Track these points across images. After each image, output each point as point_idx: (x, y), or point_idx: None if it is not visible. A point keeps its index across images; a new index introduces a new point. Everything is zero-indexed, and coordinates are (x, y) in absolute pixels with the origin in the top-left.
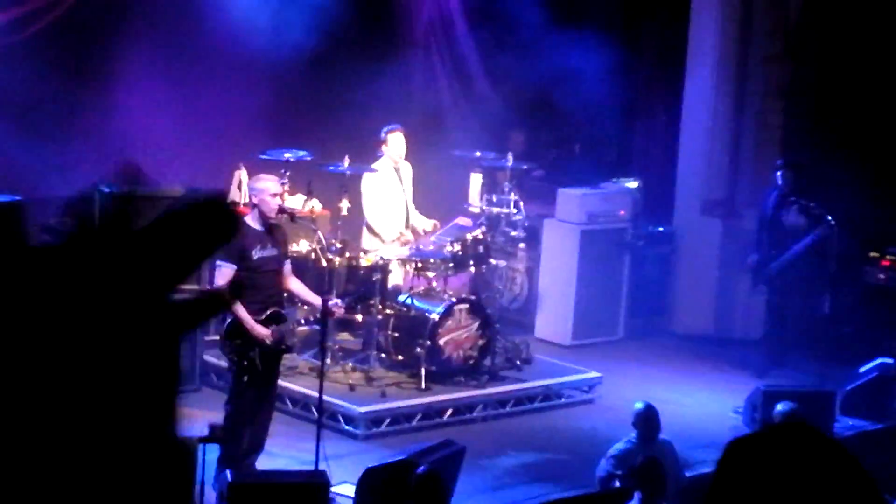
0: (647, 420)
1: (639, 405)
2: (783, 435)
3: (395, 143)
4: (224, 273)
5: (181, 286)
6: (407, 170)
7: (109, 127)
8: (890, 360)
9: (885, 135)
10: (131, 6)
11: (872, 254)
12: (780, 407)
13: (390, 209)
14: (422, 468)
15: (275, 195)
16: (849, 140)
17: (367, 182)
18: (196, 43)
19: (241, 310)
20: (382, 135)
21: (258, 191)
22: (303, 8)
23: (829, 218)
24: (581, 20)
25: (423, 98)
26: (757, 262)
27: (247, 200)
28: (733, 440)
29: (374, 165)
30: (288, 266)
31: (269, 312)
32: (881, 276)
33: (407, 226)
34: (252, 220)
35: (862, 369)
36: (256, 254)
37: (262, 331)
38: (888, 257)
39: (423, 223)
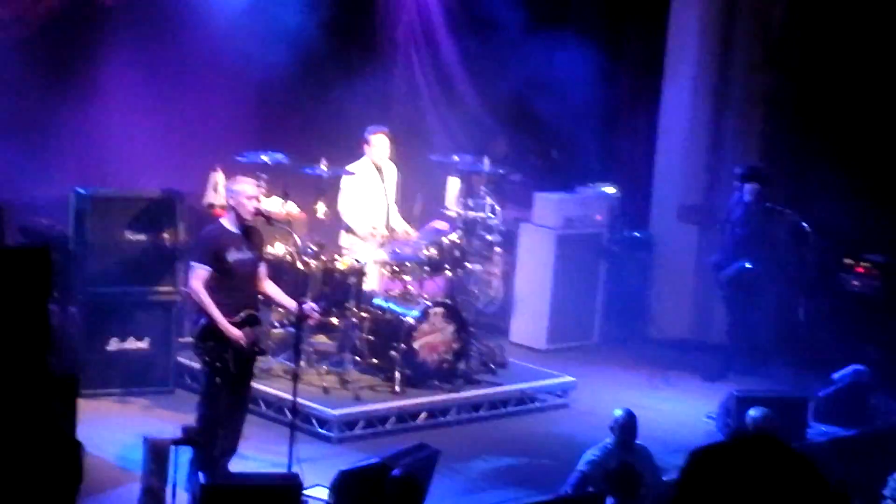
0: (626, 427)
1: (619, 412)
2: (747, 446)
3: (378, 144)
4: (199, 274)
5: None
6: (391, 171)
7: (87, 129)
8: (864, 367)
9: (865, 143)
10: (110, 10)
11: (847, 261)
12: (752, 412)
13: (368, 208)
14: (397, 471)
15: (251, 198)
16: (828, 148)
17: (346, 180)
18: (174, 46)
19: (215, 311)
20: (366, 135)
21: (235, 193)
22: (281, 12)
23: (805, 225)
24: (561, 26)
25: (402, 102)
26: (715, 263)
27: (223, 202)
28: (696, 449)
29: (353, 166)
30: (263, 269)
31: (243, 315)
32: (856, 282)
33: (387, 227)
34: (228, 223)
35: (836, 375)
36: (231, 256)
37: (236, 333)
38: (863, 264)
39: (403, 227)
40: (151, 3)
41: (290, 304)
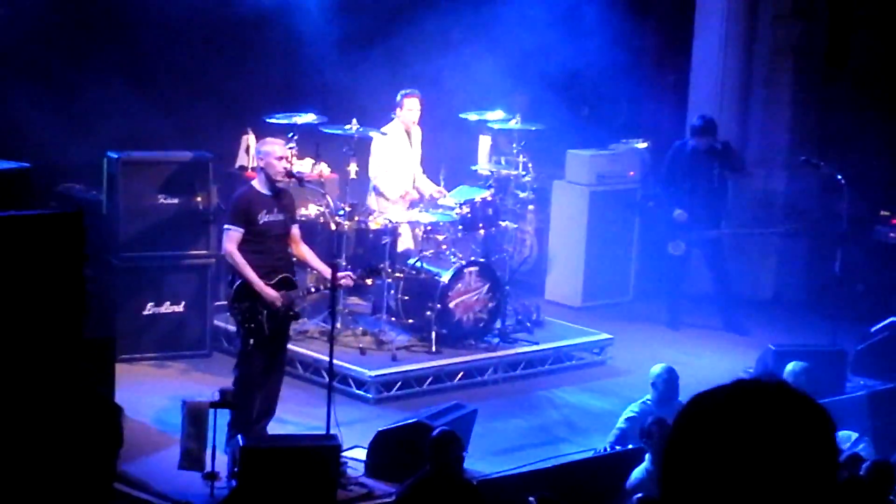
0: (668, 382)
1: (659, 367)
2: (745, 389)
3: (410, 107)
4: (232, 236)
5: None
6: (417, 133)
7: (118, 92)
8: None
9: (894, 95)
10: None
11: (883, 212)
12: (790, 366)
13: (397, 171)
14: (438, 429)
15: (280, 158)
16: (859, 99)
17: (377, 143)
18: (203, 6)
19: (250, 272)
20: (398, 98)
21: (264, 154)
22: None
23: (840, 177)
24: None
25: (431, 59)
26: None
27: (254, 165)
28: (694, 396)
29: (385, 128)
30: (296, 230)
31: (279, 277)
32: (892, 234)
33: (413, 187)
34: (259, 184)
35: (873, 329)
36: (262, 218)
37: (271, 293)
38: None
39: (430, 188)
40: None
41: (324, 268)
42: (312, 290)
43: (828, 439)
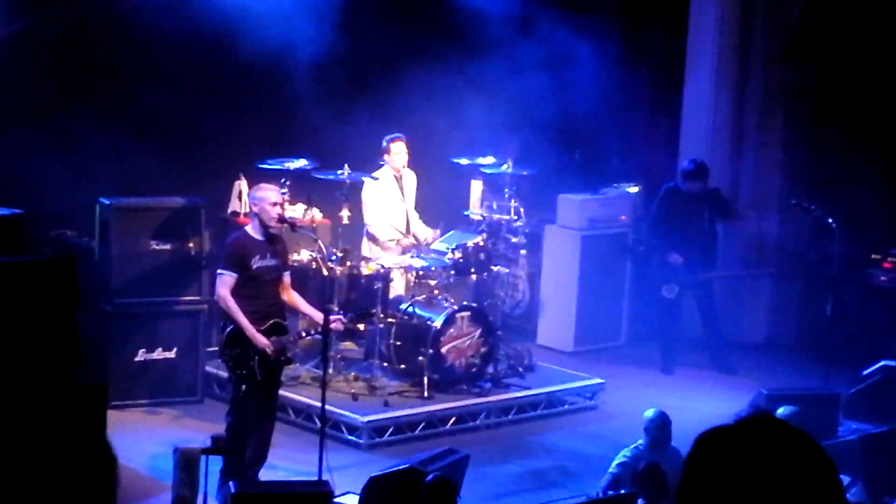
0: (660, 427)
1: (651, 412)
2: (751, 428)
3: (396, 151)
4: (225, 281)
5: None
6: (410, 178)
7: (109, 139)
8: (893, 363)
9: (887, 137)
10: (130, 19)
11: (874, 256)
12: (781, 411)
13: (390, 216)
14: (432, 475)
15: (275, 204)
16: (850, 142)
17: (368, 189)
18: (196, 54)
19: (242, 318)
20: (384, 143)
21: (258, 199)
22: (303, 18)
23: (830, 220)
24: (580, 24)
25: (423, 105)
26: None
27: (247, 210)
28: (702, 433)
29: (376, 174)
30: (287, 278)
31: (270, 323)
32: (883, 277)
33: (407, 234)
34: (252, 230)
35: (865, 372)
36: (256, 263)
37: (262, 340)
38: (890, 259)
39: (425, 232)
40: (170, 14)
41: (314, 313)
42: (304, 334)
43: (835, 475)
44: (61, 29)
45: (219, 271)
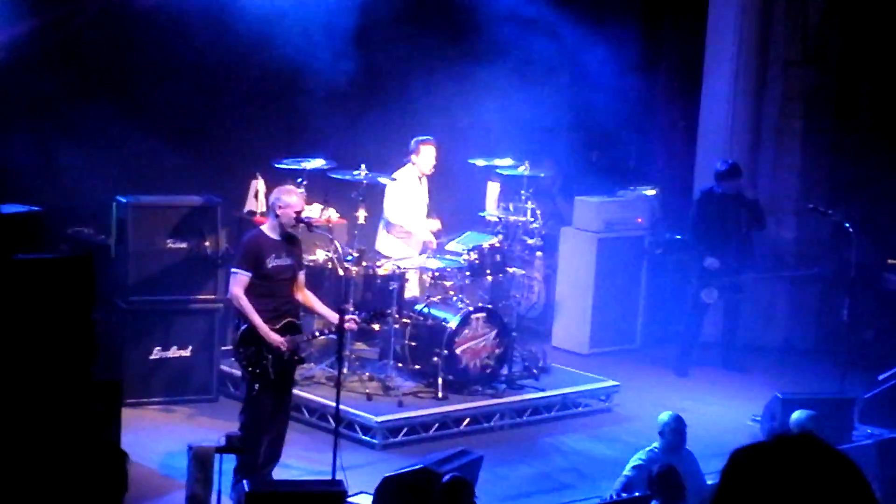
0: (675, 430)
1: (666, 415)
2: (788, 446)
3: (426, 154)
4: (239, 280)
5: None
6: (425, 181)
7: (128, 137)
8: None
9: None
10: (151, 17)
11: (891, 260)
12: (797, 415)
13: (412, 215)
14: (449, 475)
15: (299, 213)
16: (869, 146)
17: (392, 188)
18: (213, 52)
19: (255, 317)
20: (413, 144)
21: (284, 204)
22: (320, 21)
23: (847, 224)
24: (599, 26)
25: (439, 106)
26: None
27: (263, 209)
28: (737, 450)
29: (397, 174)
30: (302, 277)
31: (284, 322)
32: None
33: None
34: (269, 230)
35: (881, 377)
36: (271, 262)
37: (276, 338)
38: None
39: (430, 224)
40: (189, 12)
41: (329, 313)
42: (318, 334)
43: (872, 496)
44: (80, 25)
45: (233, 270)
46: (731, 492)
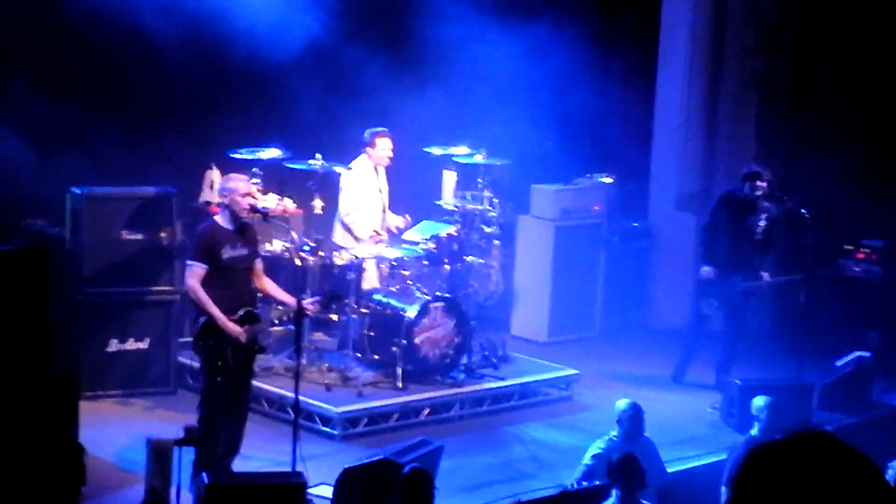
0: (633, 418)
1: (623, 403)
2: (803, 443)
3: (382, 146)
4: (195, 272)
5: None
6: (382, 170)
7: (80, 127)
8: (867, 354)
9: (860, 126)
10: (100, 9)
11: (847, 246)
12: (757, 401)
13: (367, 208)
14: (409, 466)
15: (245, 195)
16: (823, 132)
17: (347, 179)
18: (168, 43)
19: (214, 309)
20: (367, 136)
21: (228, 191)
22: (276, 9)
23: (804, 211)
24: (554, 14)
25: (395, 94)
26: (715, 274)
27: (219, 200)
28: (752, 450)
29: (352, 164)
30: (259, 265)
31: (242, 312)
32: (856, 268)
33: (382, 226)
34: (222, 220)
35: (839, 363)
36: (226, 253)
37: (235, 328)
38: (863, 250)
39: (396, 220)
40: (142, 3)
41: (288, 299)
42: (276, 322)
43: (891, 494)
44: (30, 17)
45: (188, 262)
46: (747, 490)
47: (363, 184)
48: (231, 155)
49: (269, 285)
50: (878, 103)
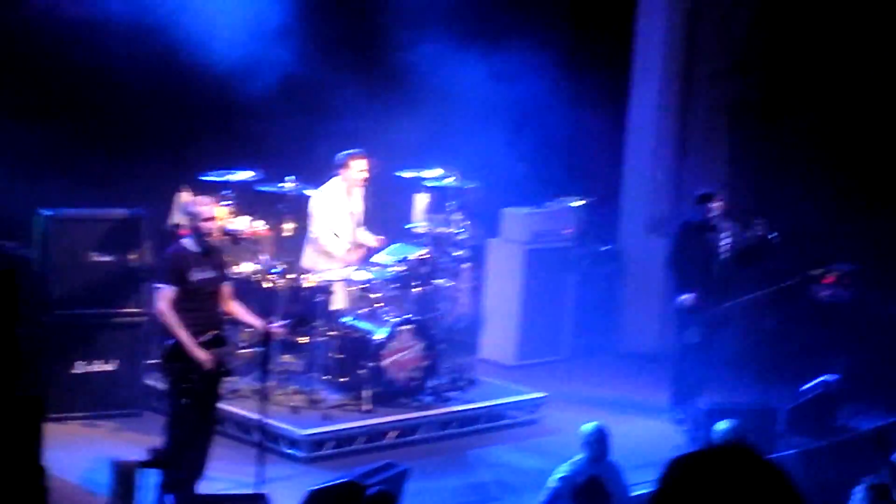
0: (599, 441)
1: (589, 426)
2: (722, 456)
3: (356, 167)
4: (165, 295)
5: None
6: (357, 192)
7: (50, 148)
8: (833, 378)
9: (830, 151)
10: (71, 27)
11: (814, 272)
12: (722, 425)
13: (339, 230)
14: (374, 489)
15: (207, 220)
16: (794, 157)
17: (316, 202)
18: (138, 63)
19: (182, 332)
20: (341, 157)
21: (192, 215)
22: (248, 32)
23: (773, 235)
24: (527, 37)
25: (367, 117)
26: (696, 301)
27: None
28: (673, 459)
29: (324, 186)
30: (227, 287)
31: (209, 336)
32: (824, 293)
33: (356, 247)
34: (189, 243)
35: (805, 387)
36: (194, 275)
37: (202, 354)
38: (831, 274)
39: (369, 240)
40: (114, 22)
41: (257, 322)
42: (244, 344)
43: (800, 499)
44: (0, 38)
45: (157, 285)
46: (665, 498)
47: (332, 207)
48: (201, 177)
49: (236, 309)
50: (849, 127)
